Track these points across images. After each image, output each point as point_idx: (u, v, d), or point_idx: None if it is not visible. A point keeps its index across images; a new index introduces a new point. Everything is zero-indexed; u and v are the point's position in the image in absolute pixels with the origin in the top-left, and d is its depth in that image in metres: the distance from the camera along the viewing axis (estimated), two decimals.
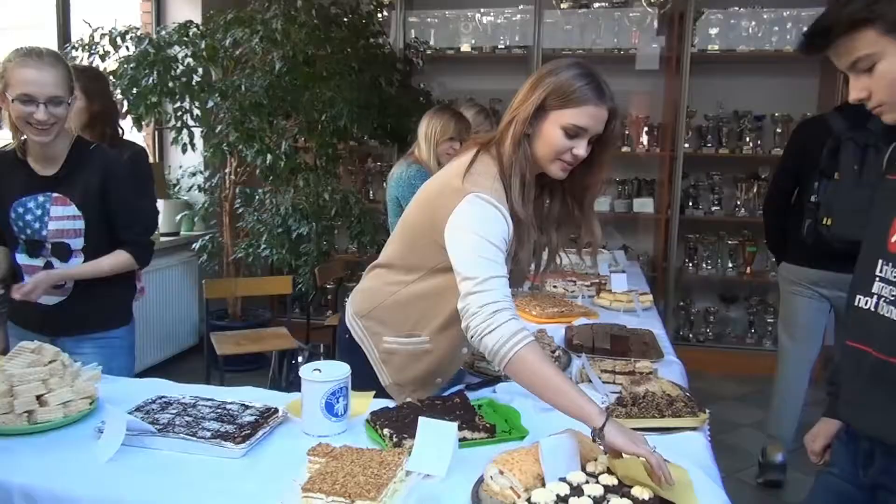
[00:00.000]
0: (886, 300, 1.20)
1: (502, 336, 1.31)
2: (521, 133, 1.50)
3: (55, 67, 1.87)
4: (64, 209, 1.97)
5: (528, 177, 1.51)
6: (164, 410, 1.49)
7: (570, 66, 1.50)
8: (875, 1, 1.12)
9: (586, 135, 1.48)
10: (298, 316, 4.49)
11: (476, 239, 1.43)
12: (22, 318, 2.08)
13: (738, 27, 4.56)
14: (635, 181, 4.93)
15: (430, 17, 4.96)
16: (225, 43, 3.69)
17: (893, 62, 1.13)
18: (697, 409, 1.52)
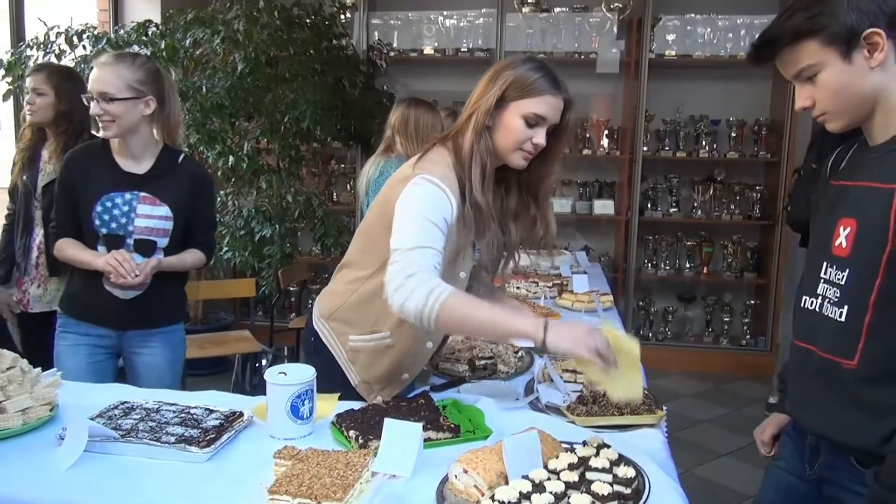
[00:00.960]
0: (830, 301, 1.25)
1: (419, 298, 1.38)
2: (482, 124, 1.55)
3: (115, 68, 2.03)
4: (153, 208, 2.09)
5: (488, 167, 1.57)
6: (126, 416, 1.48)
7: (526, 60, 1.58)
8: (818, 14, 1.17)
9: (545, 124, 1.55)
10: (262, 319, 4.46)
11: (412, 216, 1.49)
12: (83, 310, 2.15)
13: (695, 33, 4.69)
14: (596, 183, 5.02)
15: (393, 19, 4.97)
16: (185, 43, 3.65)
17: (834, 72, 1.18)
18: (655, 407, 1.57)
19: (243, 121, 3.92)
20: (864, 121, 1.23)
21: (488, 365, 1.90)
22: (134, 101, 2.04)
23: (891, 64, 1.17)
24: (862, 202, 1.21)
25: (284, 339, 4.11)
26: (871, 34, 1.15)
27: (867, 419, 1.18)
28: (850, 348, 1.20)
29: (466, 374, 1.87)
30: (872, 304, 1.17)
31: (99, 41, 3.55)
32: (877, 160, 1.22)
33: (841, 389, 1.23)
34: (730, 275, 4.85)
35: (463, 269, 1.62)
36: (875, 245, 1.16)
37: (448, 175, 1.56)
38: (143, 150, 2.12)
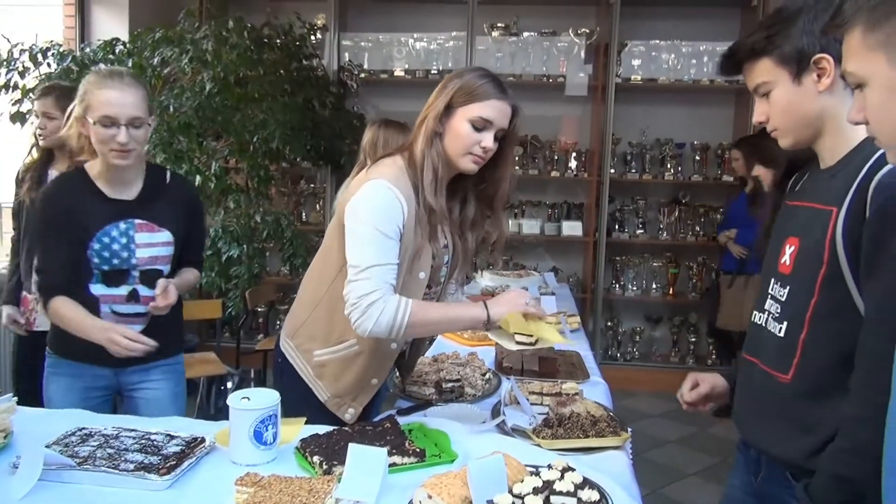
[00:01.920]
0: (773, 316, 1.30)
1: (387, 320, 1.50)
2: (432, 130, 1.60)
3: (135, 88, 1.84)
4: (152, 235, 1.93)
5: (440, 171, 1.61)
6: (84, 443, 1.44)
7: (473, 69, 1.65)
8: (774, 34, 1.23)
9: (492, 128, 1.59)
10: (228, 340, 4.40)
11: (365, 228, 1.54)
12: (77, 350, 1.89)
13: (659, 59, 4.80)
14: (564, 205, 5.08)
15: (363, 40, 5.00)
16: (153, 62, 3.62)
17: (785, 91, 1.24)
18: (620, 429, 1.58)
19: (211, 140, 3.88)
20: (812, 141, 1.28)
21: (455, 387, 1.90)
22: (152, 122, 1.89)
23: (839, 90, 1.21)
24: (805, 222, 1.26)
25: (251, 361, 4.05)
26: (820, 59, 1.20)
27: (798, 433, 1.22)
28: (787, 363, 1.24)
29: (433, 397, 1.87)
30: (808, 322, 1.21)
31: (64, 59, 3.51)
32: (823, 182, 1.26)
33: (777, 403, 1.27)
34: (695, 295, 4.93)
35: (422, 270, 1.63)
36: (812, 265, 1.20)
37: (400, 177, 1.60)
38: (136, 173, 1.93)
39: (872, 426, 1.04)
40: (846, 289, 1.16)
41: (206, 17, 4.33)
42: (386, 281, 1.52)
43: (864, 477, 1.05)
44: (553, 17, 4.93)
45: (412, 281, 1.63)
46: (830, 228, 1.18)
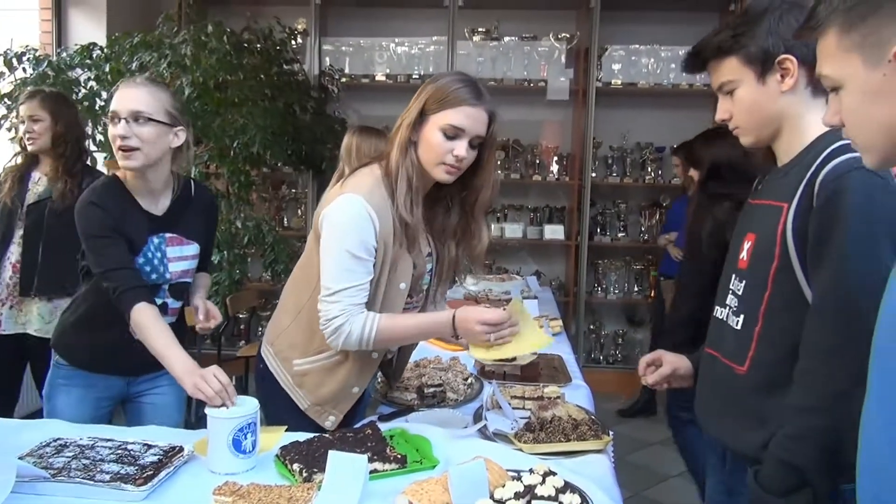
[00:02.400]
0: (732, 310, 1.33)
1: (356, 339, 1.54)
2: (406, 139, 1.57)
3: (148, 87, 1.77)
4: (182, 249, 1.88)
5: (414, 182, 1.58)
6: (59, 454, 1.42)
7: (450, 74, 1.64)
8: (740, 34, 1.26)
9: (465, 135, 1.54)
10: (209, 347, 4.35)
11: (336, 248, 1.54)
12: (98, 362, 1.88)
13: (639, 63, 4.83)
14: (546, 209, 5.09)
15: (344, 45, 4.99)
16: (131, 66, 3.58)
17: (749, 90, 1.27)
18: (601, 432, 1.58)
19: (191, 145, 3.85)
20: (771, 140, 1.32)
21: (437, 393, 1.89)
22: (167, 127, 1.77)
23: (800, 90, 1.25)
24: (761, 218, 1.30)
25: (233, 368, 4.01)
26: (784, 59, 1.23)
27: (752, 425, 1.25)
28: (743, 355, 1.28)
29: (415, 403, 1.86)
30: (762, 315, 1.25)
31: (40, 63, 3.46)
32: (777, 180, 1.30)
33: (734, 395, 1.30)
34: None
35: (402, 281, 1.62)
36: (765, 259, 1.24)
37: (375, 189, 1.57)
38: (163, 186, 1.85)
39: (815, 414, 1.11)
40: (796, 282, 1.20)
41: (184, 22, 4.29)
42: (353, 303, 1.54)
43: (808, 463, 1.11)
44: (534, 21, 4.95)
45: (392, 292, 1.62)
46: (781, 223, 1.22)
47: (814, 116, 1.23)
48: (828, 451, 1.10)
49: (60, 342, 1.94)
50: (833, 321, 1.11)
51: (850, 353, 1.06)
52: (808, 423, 1.12)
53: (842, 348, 1.10)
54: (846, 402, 1.04)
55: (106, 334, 1.83)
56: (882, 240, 1.11)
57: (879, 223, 1.11)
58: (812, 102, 1.25)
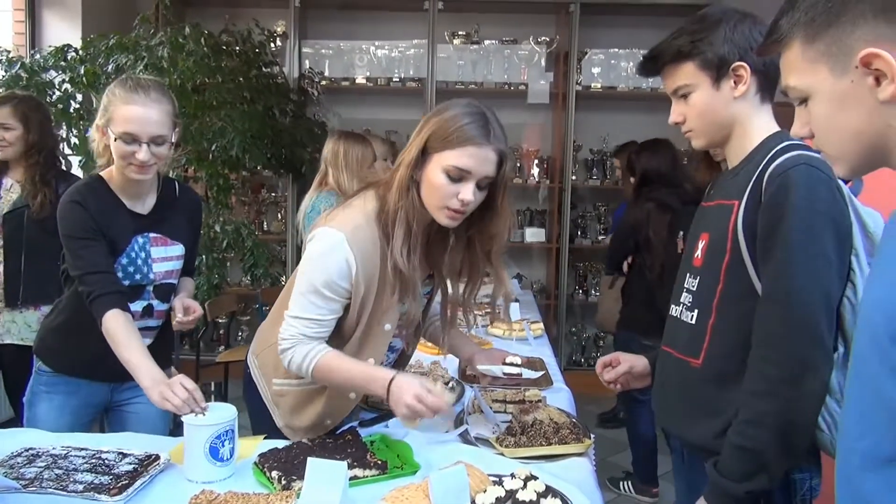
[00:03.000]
0: (686, 306, 1.37)
1: (296, 368, 1.51)
2: (407, 178, 1.44)
3: (161, 104, 1.72)
4: (167, 249, 1.86)
5: (414, 227, 1.45)
6: (31, 464, 1.39)
7: (457, 104, 1.45)
8: (699, 39, 1.30)
9: (471, 178, 1.40)
10: (188, 353, 4.30)
11: (306, 279, 1.49)
12: (81, 367, 1.84)
13: (619, 67, 4.86)
14: (527, 211, 5.10)
15: (324, 48, 4.96)
16: (107, 69, 3.53)
17: (703, 95, 1.32)
18: (583, 436, 1.58)
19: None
20: (722, 143, 1.37)
21: None
22: (175, 137, 1.78)
23: (751, 96, 1.31)
24: (713, 218, 1.34)
25: (212, 374, 3.97)
26: (738, 66, 1.28)
27: (707, 416, 1.29)
28: (697, 348, 1.32)
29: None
30: (715, 308, 1.29)
31: (13, 65, 3.40)
32: (728, 181, 1.35)
33: (690, 388, 1.34)
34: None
35: (388, 322, 1.55)
36: (718, 255, 1.29)
37: (362, 226, 1.47)
38: (150, 186, 1.85)
39: (767, 399, 1.16)
40: (747, 275, 1.24)
41: (161, 24, 4.24)
42: (306, 333, 1.50)
43: (763, 447, 1.16)
44: (514, 25, 4.96)
45: (377, 331, 1.55)
46: (732, 220, 1.26)
47: (761, 121, 1.32)
48: (781, 434, 1.16)
49: (42, 348, 1.90)
50: (780, 310, 1.17)
51: (797, 340, 1.15)
52: (760, 407, 1.17)
53: (789, 335, 1.16)
54: (795, 387, 1.14)
55: (89, 338, 1.76)
56: (824, 232, 1.16)
57: (822, 215, 1.17)
58: (760, 107, 1.33)
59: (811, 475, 1.27)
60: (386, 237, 1.47)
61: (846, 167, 0.88)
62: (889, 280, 0.75)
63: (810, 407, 1.17)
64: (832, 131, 0.87)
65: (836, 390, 1.21)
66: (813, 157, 1.21)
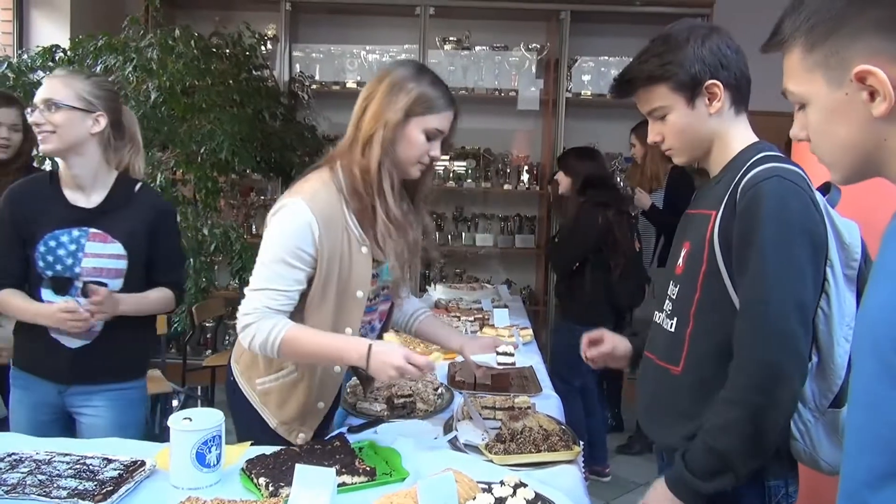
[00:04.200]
0: (667, 314, 1.39)
1: (260, 344, 1.51)
2: (391, 138, 1.55)
3: (61, 77, 1.86)
4: (104, 246, 1.86)
5: (395, 180, 1.58)
6: (13, 469, 1.36)
7: (421, 70, 1.61)
8: (668, 62, 1.31)
9: (441, 137, 1.61)
10: (174, 357, 4.27)
11: (268, 248, 1.54)
12: (27, 361, 1.93)
13: (608, 74, 4.87)
14: (517, 218, 5.10)
15: (315, 52, 4.95)
16: (95, 70, 3.51)
17: (680, 115, 1.34)
18: (572, 443, 1.58)
19: (157, 151, 3.78)
20: (703, 158, 1.39)
21: (407, 403, 1.87)
22: (82, 113, 1.82)
23: (726, 111, 1.33)
24: (694, 227, 1.36)
25: (199, 378, 3.94)
26: (710, 85, 1.31)
27: (683, 422, 1.30)
28: (677, 356, 1.33)
29: (384, 414, 1.84)
30: (692, 316, 1.31)
31: (0, 65, 3.37)
32: (709, 191, 1.37)
33: (669, 395, 1.36)
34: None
35: (359, 289, 1.60)
36: (696, 264, 1.32)
37: (321, 191, 1.55)
38: (93, 178, 1.87)
39: (738, 407, 1.19)
40: (723, 284, 1.26)
41: (151, 25, 4.22)
42: (269, 306, 1.52)
43: (731, 450, 1.19)
44: (505, 31, 4.98)
45: (348, 300, 1.59)
46: (709, 230, 1.29)
47: (738, 132, 1.35)
48: (750, 440, 1.18)
49: (12, 340, 1.98)
50: (754, 320, 1.20)
51: (768, 349, 1.18)
52: (731, 414, 1.20)
53: (761, 345, 1.18)
54: (766, 395, 1.17)
55: (32, 333, 1.87)
56: (797, 242, 1.19)
57: (794, 226, 1.19)
58: (735, 120, 1.36)
59: (787, 482, 1.29)
60: (352, 195, 1.55)
61: (839, 176, 0.88)
62: (892, 286, 0.74)
63: (780, 415, 1.20)
64: (826, 140, 0.87)
65: (810, 399, 1.23)
66: (786, 168, 1.23)
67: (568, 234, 3.54)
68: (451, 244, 5.05)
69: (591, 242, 3.32)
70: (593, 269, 3.34)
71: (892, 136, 0.79)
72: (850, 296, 1.24)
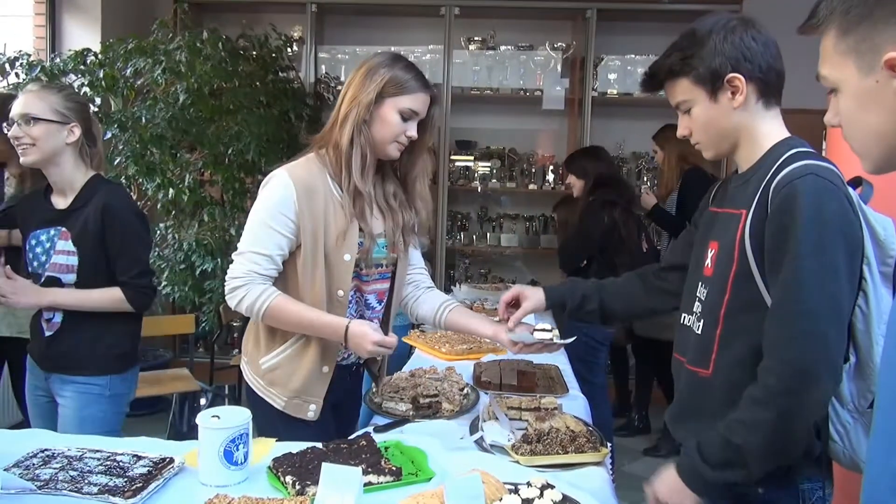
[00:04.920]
0: (696, 316, 1.36)
1: (247, 307, 1.64)
2: (363, 118, 1.65)
3: (36, 92, 1.98)
4: (65, 244, 1.98)
5: (368, 157, 1.68)
6: (46, 465, 1.39)
7: (396, 58, 1.72)
8: (690, 56, 1.31)
9: (416, 118, 1.70)
10: (202, 356, 4.32)
11: (253, 214, 1.68)
12: (30, 345, 2.11)
13: (635, 73, 4.83)
14: (542, 217, 5.08)
15: (340, 53, 4.98)
16: (125, 73, 3.57)
17: (703, 108, 1.32)
18: (599, 444, 1.56)
19: (185, 152, 3.83)
20: (731, 152, 1.37)
21: (432, 403, 1.87)
22: (58, 125, 1.95)
23: (752, 105, 1.30)
24: (722, 226, 1.34)
25: (226, 377, 3.98)
26: (732, 78, 1.28)
27: (711, 426, 1.26)
28: (707, 359, 1.31)
29: (410, 414, 1.83)
30: (722, 318, 1.28)
31: (33, 69, 3.44)
32: (737, 189, 1.35)
33: (697, 397, 1.34)
34: None
35: (347, 252, 1.68)
36: (725, 265, 1.29)
37: (301, 164, 1.69)
38: (69, 183, 2.01)
39: (764, 408, 1.17)
40: (754, 285, 1.24)
41: (179, 28, 4.28)
42: (255, 270, 1.64)
43: (750, 448, 1.18)
44: (530, 31, 4.96)
45: (338, 263, 1.68)
46: (739, 230, 1.27)
47: (768, 127, 1.32)
48: (771, 442, 1.17)
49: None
50: (786, 321, 1.17)
51: (799, 351, 1.15)
52: (756, 415, 1.18)
53: (791, 346, 1.16)
54: (793, 397, 1.14)
55: (29, 312, 2.09)
56: (833, 242, 1.15)
57: (830, 226, 1.16)
58: (765, 114, 1.32)
59: (823, 485, 1.26)
60: (333, 175, 1.68)
61: (869, 164, 0.87)
62: None
63: (807, 418, 1.17)
64: (856, 128, 0.86)
65: (849, 400, 1.20)
66: (821, 166, 1.20)
67: (574, 233, 3.55)
68: (476, 244, 5.04)
69: (595, 241, 3.32)
70: (599, 268, 3.31)
71: None
72: (886, 293, 1.20)
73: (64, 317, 2.00)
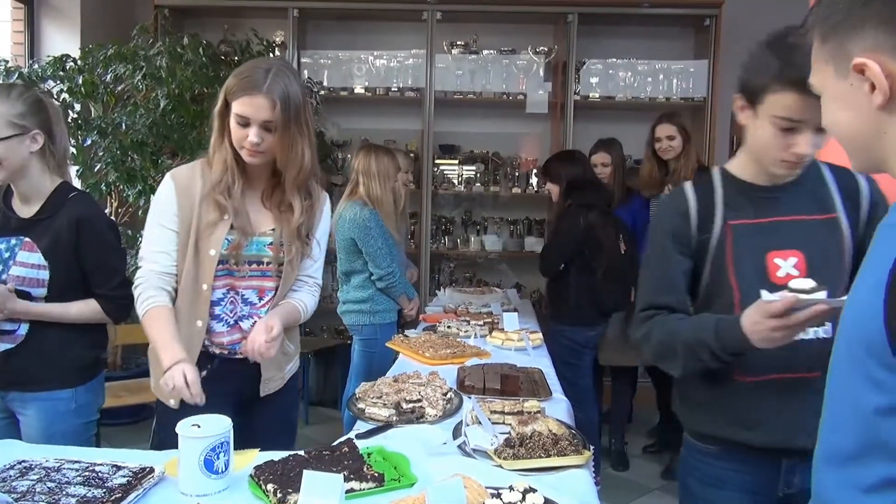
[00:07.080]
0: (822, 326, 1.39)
1: (137, 305, 1.74)
2: (218, 126, 1.73)
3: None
4: (30, 255, 1.88)
5: (229, 160, 1.73)
6: (23, 477, 1.37)
7: (249, 65, 1.74)
8: None
9: (253, 122, 1.66)
10: None
11: (147, 220, 1.80)
12: None
13: (616, 77, 4.87)
14: (526, 221, 5.09)
15: (323, 58, 4.97)
16: (105, 78, 3.54)
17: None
18: (582, 447, 1.56)
19: (166, 158, 3.80)
20: None
21: (416, 408, 1.86)
22: (18, 138, 1.84)
23: None
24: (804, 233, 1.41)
25: None
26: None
27: None
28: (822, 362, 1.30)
29: (393, 419, 1.83)
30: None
31: (10, 75, 3.40)
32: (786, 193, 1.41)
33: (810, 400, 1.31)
34: None
35: (212, 248, 1.74)
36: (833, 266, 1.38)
37: (185, 167, 1.80)
38: (37, 191, 1.92)
39: None
40: None
41: (160, 34, 4.25)
42: (150, 269, 1.75)
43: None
44: (512, 35, 4.98)
45: (204, 257, 1.75)
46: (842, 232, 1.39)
47: None
48: None
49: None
50: None
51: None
52: None
53: None
54: None
55: None
56: None
57: None
58: None
59: None
60: (207, 175, 1.75)
61: (854, 163, 0.91)
62: (868, 284, 0.76)
63: None
64: (835, 129, 0.90)
65: None
66: None
67: (551, 237, 3.57)
68: (460, 248, 5.05)
69: (573, 245, 3.33)
70: (578, 271, 3.34)
71: (892, 129, 0.81)
72: None
73: (30, 329, 1.89)
